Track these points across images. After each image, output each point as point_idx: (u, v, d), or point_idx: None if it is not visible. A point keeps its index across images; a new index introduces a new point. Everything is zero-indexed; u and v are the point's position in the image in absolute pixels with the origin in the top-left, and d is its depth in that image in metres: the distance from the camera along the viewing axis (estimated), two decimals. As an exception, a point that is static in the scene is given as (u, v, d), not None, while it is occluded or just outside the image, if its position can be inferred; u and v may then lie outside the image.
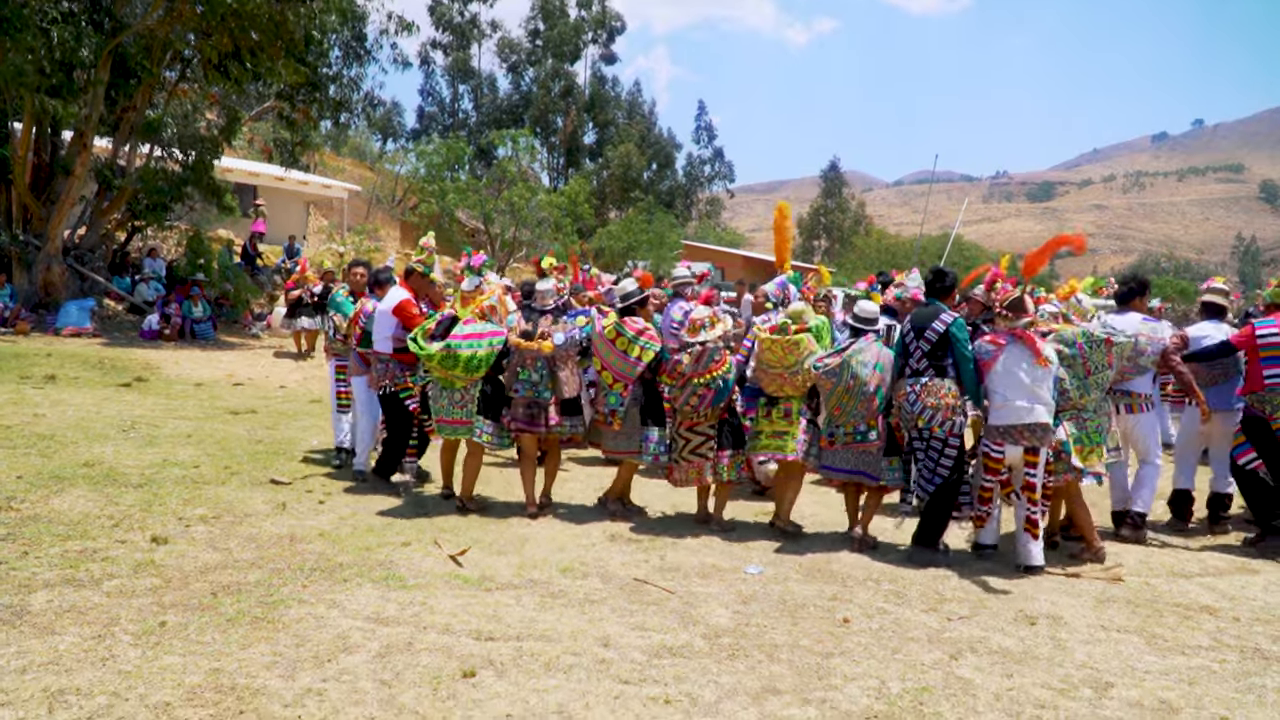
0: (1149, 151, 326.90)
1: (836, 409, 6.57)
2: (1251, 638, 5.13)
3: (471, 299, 7.43)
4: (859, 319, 6.87)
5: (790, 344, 6.63)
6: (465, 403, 7.12)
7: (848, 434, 6.60)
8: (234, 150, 28.98)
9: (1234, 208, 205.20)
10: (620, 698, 3.98)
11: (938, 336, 6.37)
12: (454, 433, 7.22)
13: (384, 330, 7.60)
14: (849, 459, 6.66)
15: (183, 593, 4.91)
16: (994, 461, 6.32)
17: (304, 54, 18.41)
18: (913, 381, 6.41)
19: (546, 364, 7.08)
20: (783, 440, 6.75)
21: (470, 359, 6.91)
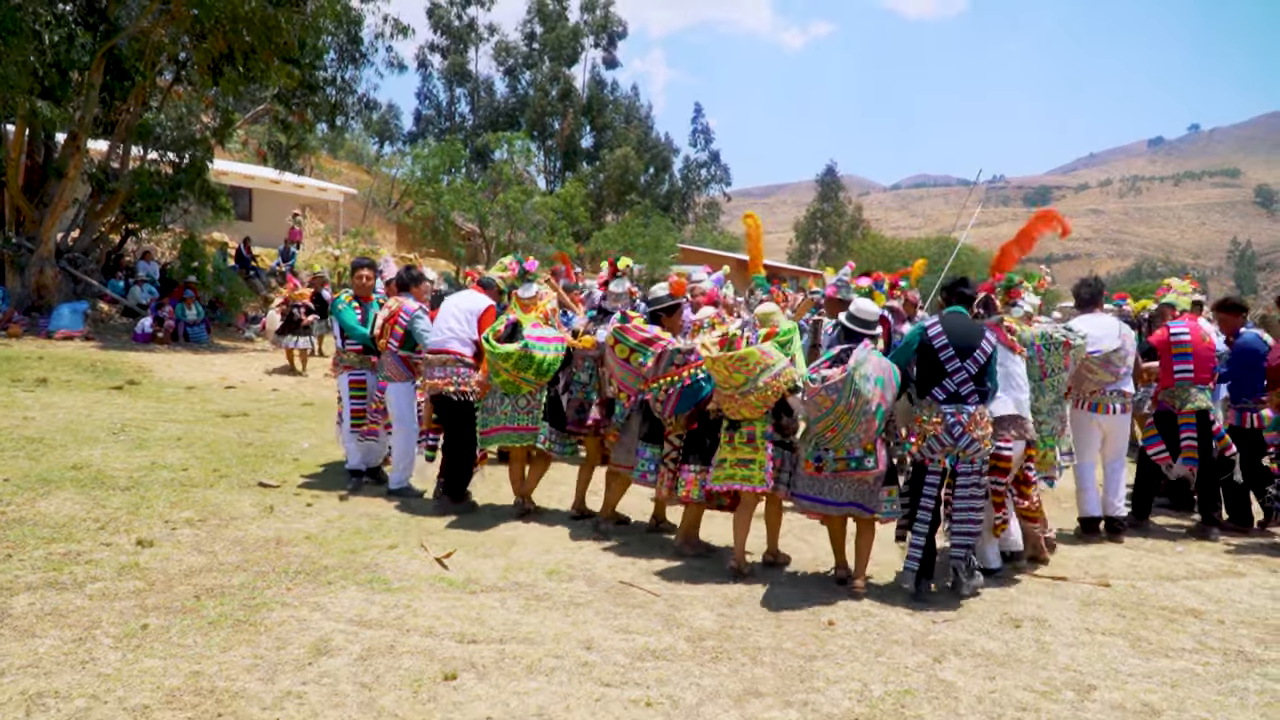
0: (1145, 156, 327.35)
1: (831, 430, 5.44)
2: (1236, 640, 5.13)
3: (532, 305, 7.30)
4: (857, 321, 5.81)
5: (735, 360, 5.66)
6: (531, 408, 7.02)
7: (839, 459, 5.53)
8: (229, 153, 28.99)
9: (1230, 212, 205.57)
10: (601, 700, 3.98)
11: (986, 358, 5.63)
12: (519, 439, 7.03)
13: (463, 331, 7.20)
14: (840, 489, 5.64)
15: (166, 595, 4.90)
16: (1004, 460, 5.93)
17: (298, 57, 18.41)
18: (955, 409, 5.54)
19: (595, 364, 7.07)
20: (749, 469, 5.83)
21: (542, 362, 6.81)
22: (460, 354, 7.14)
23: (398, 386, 7.61)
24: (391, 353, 7.54)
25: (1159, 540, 7.50)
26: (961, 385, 5.56)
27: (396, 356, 7.54)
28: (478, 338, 7.12)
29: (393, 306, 7.61)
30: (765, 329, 6.12)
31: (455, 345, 7.17)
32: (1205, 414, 7.62)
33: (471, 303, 7.34)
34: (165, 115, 19.16)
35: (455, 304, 7.39)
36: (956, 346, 5.60)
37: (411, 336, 7.49)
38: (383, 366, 7.68)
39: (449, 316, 7.27)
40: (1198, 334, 7.69)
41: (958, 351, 5.59)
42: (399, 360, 7.55)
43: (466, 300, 7.40)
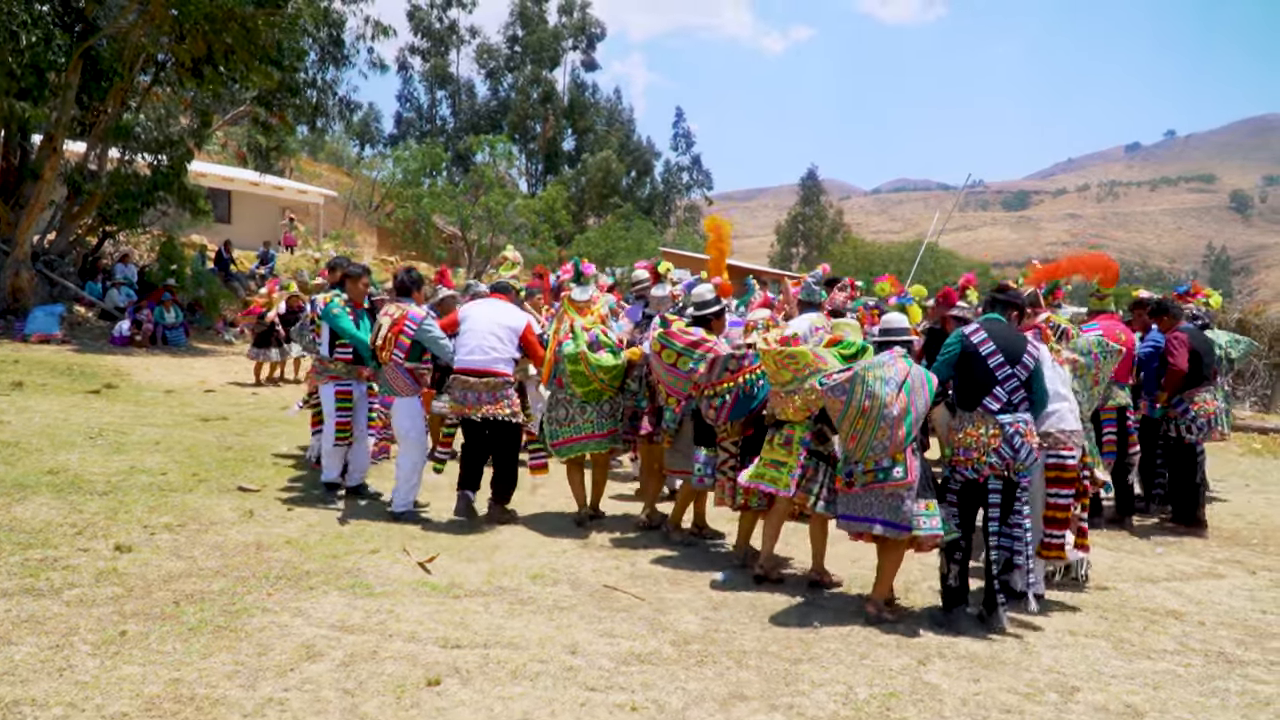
0: (1122, 161, 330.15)
1: (852, 439, 5.15)
2: (1216, 642, 5.17)
3: (588, 308, 7.11)
4: (886, 332, 5.60)
5: (785, 357, 5.55)
6: (615, 412, 7.01)
7: (867, 471, 5.16)
8: (208, 155, 28.80)
9: (1205, 217, 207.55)
10: (586, 705, 3.96)
11: (1034, 364, 5.32)
12: (607, 445, 7.04)
13: (506, 351, 6.92)
14: (874, 505, 5.21)
15: (145, 601, 4.84)
16: (1069, 471, 5.53)
17: (278, 58, 18.31)
18: (1011, 419, 5.17)
19: (646, 372, 6.95)
20: (778, 471, 5.71)
21: (623, 368, 6.91)
22: (508, 376, 6.93)
23: (405, 402, 7.07)
24: (397, 365, 6.94)
25: (1139, 541, 7.54)
26: (1014, 393, 5.22)
27: (403, 369, 6.96)
28: (516, 355, 7.05)
29: (394, 314, 6.97)
30: (829, 336, 5.94)
31: (501, 367, 6.88)
32: (1124, 410, 7.77)
33: (509, 318, 7.04)
34: (144, 116, 19.02)
35: (490, 318, 6.98)
36: (1005, 353, 5.26)
37: (419, 347, 6.97)
38: (384, 381, 7.12)
39: (487, 334, 6.88)
40: (1112, 333, 7.48)
41: (1007, 358, 5.25)
42: (405, 373, 6.98)
43: (501, 314, 7.03)
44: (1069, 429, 5.58)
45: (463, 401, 6.87)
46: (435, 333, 7.00)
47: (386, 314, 7.03)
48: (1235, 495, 9.67)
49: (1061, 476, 5.56)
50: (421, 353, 7.06)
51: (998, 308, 5.63)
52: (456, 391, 6.91)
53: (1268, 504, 9.34)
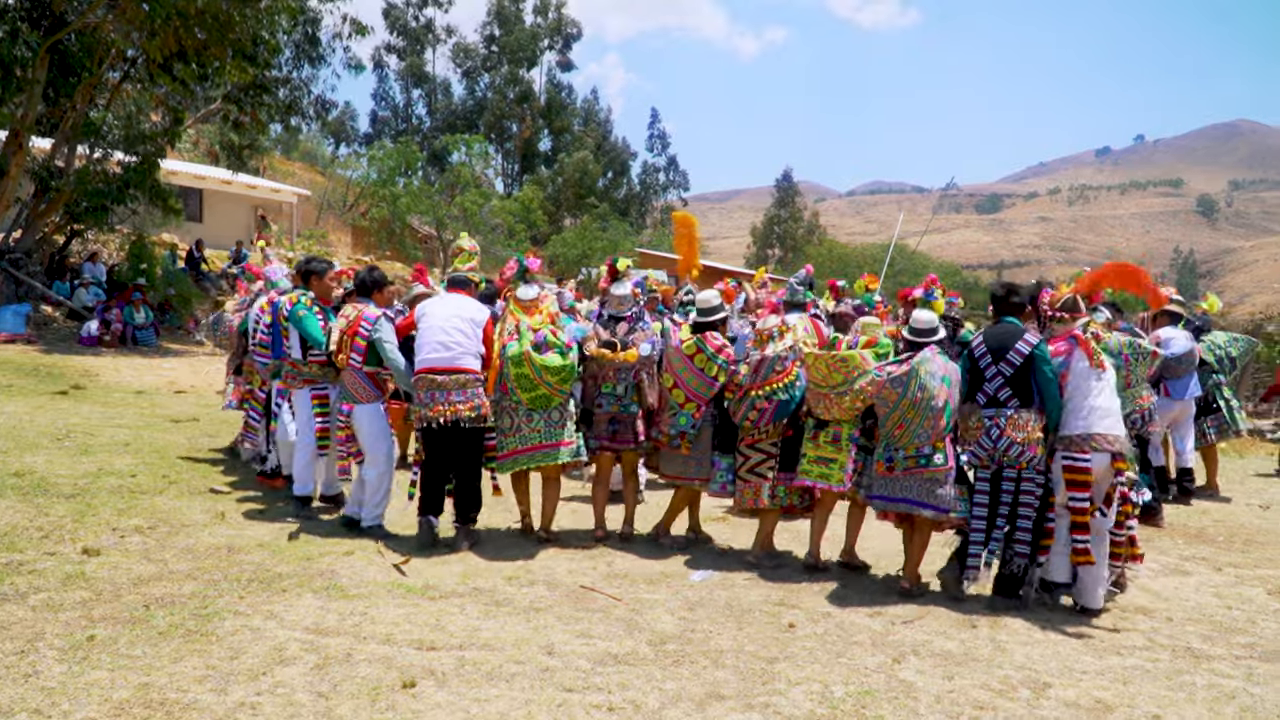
0: (1093, 165, 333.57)
1: (899, 427, 5.61)
2: (1183, 637, 5.22)
3: (535, 308, 6.62)
4: (915, 330, 5.95)
5: (837, 360, 5.81)
6: (565, 420, 6.46)
7: (909, 457, 5.65)
8: (179, 153, 28.51)
9: (1173, 221, 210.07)
10: (563, 706, 3.94)
11: (1022, 360, 5.56)
12: (558, 456, 6.42)
13: (473, 345, 6.35)
14: (911, 487, 5.71)
15: (113, 605, 4.78)
16: (1082, 474, 5.50)
17: (252, 54, 18.15)
18: (993, 413, 5.59)
19: (632, 375, 6.58)
20: (828, 468, 5.99)
21: (575, 369, 6.44)
22: (478, 372, 6.31)
23: (367, 409, 6.61)
24: (354, 369, 6.53)
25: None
26: (999, 390, 5.59)
27: (361, 373, 6.55)
28: (485, 351, 6.43)
29: (350, 315, 6.60)
30: (865, 338, 6.16)
31: (469, 361, 6.28)
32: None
33: (471, 311, 6.47)
34: (113, 113, 18.79)
35: (454, 312, 6.40)
36: (991, 351, 5.67)
37: (375, 349, 6.51)
38: (343, 386, 6.68)
39: (451, 329, 6.31)
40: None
41: (992, 356, 5.64)
42: (365, 378, 6.58)
43: (465, 308, 6.47)
44: (1093, 433, 5.53)
45: (429, 403, 6.20)
46: (385, 337, 6.48)
47: (343, 315, 6.68)
48: (1200, 494, 9.77)
49: (1075, 480, 5.53)
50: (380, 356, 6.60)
51: (1009, 311, 5.90)
52: (422, 394, 6.25)
53: (1233, 502, 9.45)
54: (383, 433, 6.70)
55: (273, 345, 7.35)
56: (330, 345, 6.65)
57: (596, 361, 6.56)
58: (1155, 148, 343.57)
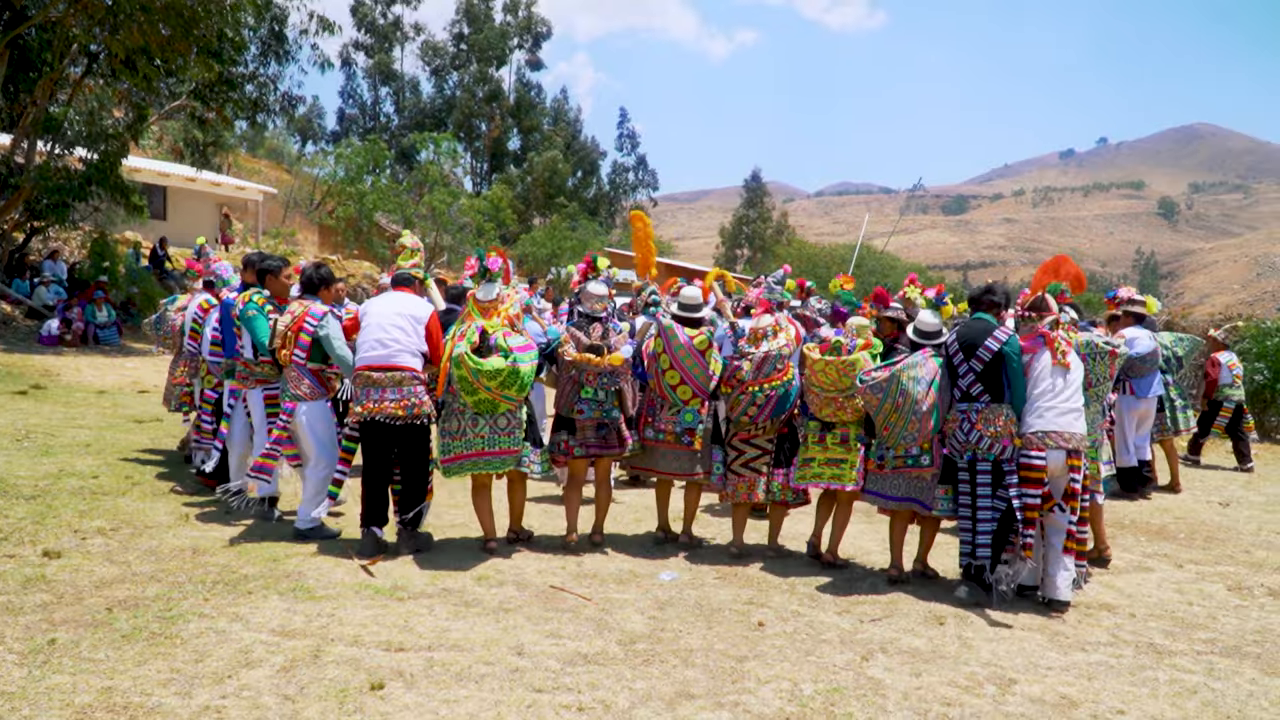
0: (1057, 167, 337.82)
1: (885, 429, 5.94)
2: (1146, 633, 5.30)
3: (494, 309, 6.28)
4: (920, 333, 6.20)
5: (846, 365, 6.03)
6: (513, 428, 6.17)
7: (898, 457, 6.01)
8: (143, 149, 28.15)
9: (1135, 223, 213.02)
10: (533, 706, 3.93)
11: (991, 356, 5.73)
12: (501, 465, 6.15)
13: (413, 343, 6.16)
14: (900, 485, 6.08)
15: (76, 608, 4.71)
16: (1036, 471, 5.63)
17: (217, 51, 17.94)
18: (965, 407, 5.81)
19: (611, 379, 6.42)
20: (840, 469, 6.20)
21: (526, 375, 6.03)
22: (414, 369, 6.11)
23: (313, 407, 6.44)
24: (298, 366, 6.40)
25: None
26: (971, 386, 5.80)
27: (305, 370, 6.41)
28: (426, 349, 6.24)
29: (296, 311, 6.45)
30: (861, 340, 6.29)
31: (406, 359, 6.09)
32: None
33: (413, 308, 6.28)
34: (75, 109, 18.50)
35: (394, 309, 6.23)
36: (963, 348, 5.86)
37: (320, 347, 6.39)
38: (286, 383, 6.49)
39: (390, 326, 6.14)
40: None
41: (964, 354, 5.84)
42: (310, 375, 6.44)
43: (406, 305, 6.28)
44: (1049, 430, 5.65)
45: (363, 399, 6.03)
46: (332, 332, 6.34)
47: (289, 311, 6.50)
48: (1163, 492, 9.92)
49: (1028, 476, 5.64)
50: (325, 354, 6.45)
51: (985, 309, 6.09)
52: (358, 390, 6.10)
53: (1193, 499, 9.60)
54: (328, 433, 6.51)
55: (224, 344, 7.20)
56: (274, 342, 6.49)
57: (576, 366, 6.37)
58: (1118, 150, 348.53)
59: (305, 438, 6.46)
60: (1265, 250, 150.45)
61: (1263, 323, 16.40)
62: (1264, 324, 16.13)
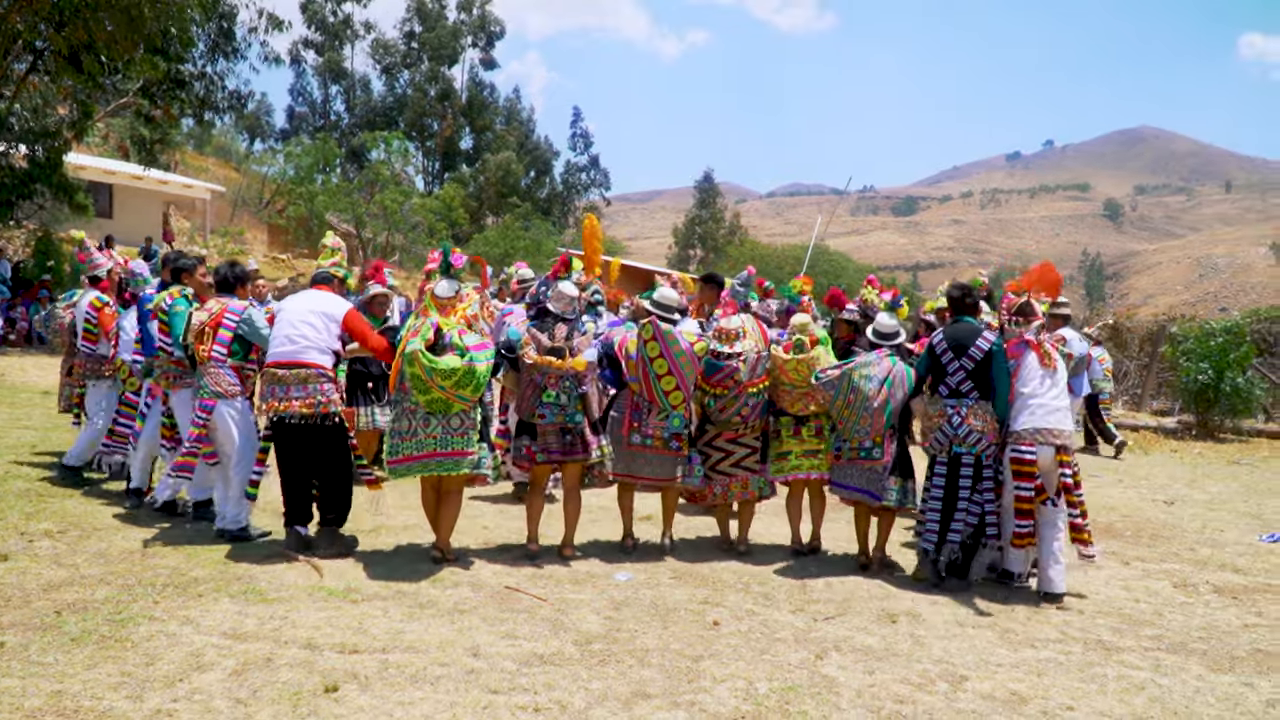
0: (1004, 170, 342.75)
1: (840, 423, 6.38)
2: (1095, 630, 5.42)
3: (452, 307, 6.10)
4: (878, 334, 6.67)
5: (813, 360, 6.42)
6: (467, 429, 5.95)
7: (853, 449, 6.43)
8: (88, 147, 27.59)
9: (1080, 225, 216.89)
10: (489, 708, 3.93)
11: (982, 355, 6.04)
12: (453, 466, 5.93)
13: (321, 339, 6.06)
14: (855, 475, 6.47)
15: (24, 612, 4.63)
16: (1028, 465, 5.92)
17: (164, 48, 17.65)
18: (955, 403, 6.09)
19: (575, 383, 6.28)
20: (818, 459, 6.63)
21: (482, 375, 5.86)
22: (322, 366, 6.00)
23: (234, 405, 6.30)
24: (218, 363, 6.26)
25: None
26: (960, 383, 6.09)
27: (226, 367, 6.28)
28: (338, 347, 6.20)
29: (214, 309, 6.34)
30: (804, 336, 6.57)
31: (314, 356, 5.99)
32: None
33: (325, 304, 6.20)
34: (19, 105, 18.10)
35: (304, 306, 6.17)
36: (952, 347, 6.15)
37: (242, 343, 6.34)
38: (205, 381, 6.29)
39: (299, 322, 6.06)
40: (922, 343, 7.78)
41: (954, 352, 6.13)
42: (230, 372, 6.31)
43: (317, 301, 6.21)
44: (1040, 427, 5.95)
45: (269, 397, 5.96)
46: (259, 323, 6.27)
47: (205, 309, 6.40)
48: (1108, 490, 10.15)
49: (1020, 470, 5.97)
50: (248, 350, 6.39)
51: (966, 311, 6.38)
52: (264, 387, 6.05)
53: (1139, 498, 9.83)
54: (249, 431, 6.38)
55: (144, 342, 7.01)
56: (187, 338, 6.37)
57: (537, 368, 6.19)
58: (1064, 153, 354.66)
59: (224, 436, 6.30)
60: (1207, 251, 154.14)
61: (1206, 323, 16.83)
62: (1207, 324, 16.55)
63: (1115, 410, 17.36)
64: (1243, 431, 15.23)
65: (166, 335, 6.67)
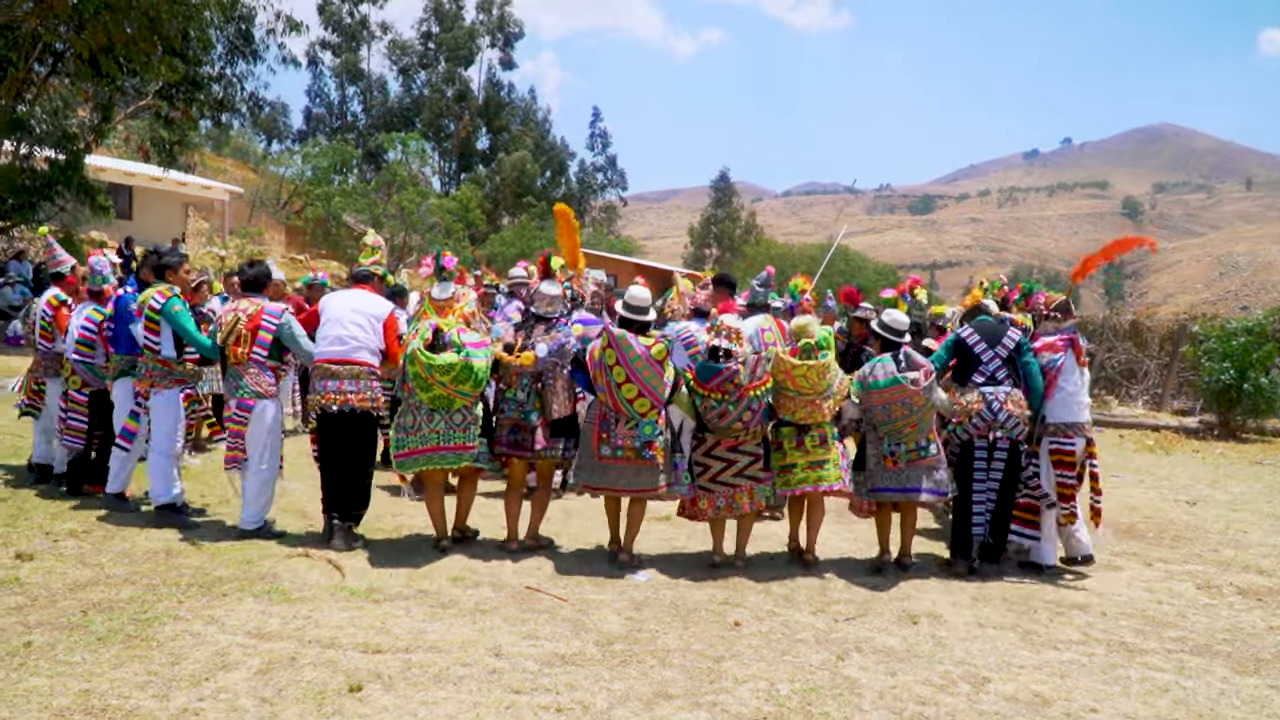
0: (1021, 167, 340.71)
1: (912, 425, 6.16)
2: (1117, 631, 5.38)
3: (449, 307, 6.33)
4: (891, 330, 6.48)
5: (822, 368, 6.15)
6: (468, 423, 6.15)
7: (910, 450, 6.22)
8: (109, 149, 27.79)
9: (1099, 222, 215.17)
10: (511, 708, 3.94)
11: (1014, 345, 6.43)
12: (456, 460, 6.14)
13: (370, 340, 6.31)
14: (912, 477, 6.25)
15: (50, 611, 4.67)
16: (1069, 455, 6.51)
17: (182, 51, 17.76)
18: (992, 390, 6.31)
19: (532, 381, 6.36)
20: (823, 470, 6.26)
21: (480, 371, 6.04)
22: (373, 366, 6.32)
23: (271, 405, 6.43)
24: (259, 364, 6.37)
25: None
26: (997, 370, 6.36)
27: (265, 368, 6.41)
28: (384, 346, 6.41)
29: (248, 309, 6.40)
30: (810, 339, 6.24)
31: (366, 355, 6.28)
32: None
33: (372, 306, 6.45)
34: (40, 108, 18.24)
35: (351, 306, 6.41)
36: (985, 338, 6.45)
37: (278, 345, 6.46)
38: (245, 382, 6.35)
39: (349, 322, 6.31)
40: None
41: (988, 343, 6.42)
42: (270, 372, 6.45)
43: (364, 302, 6.45)
44: (1078, 421, 6.54)
45: (321, 390, 6.19)
46: (300, 334, 6.48)
47: (236, 310, 6.44)
48: (1129, 490, 10.08)
49: (1062, 460, 6.51)
50: (283, 351, 6.56)
51: (978, 312, 6.80)
52: (316, 381, 6.27)
53: (1161, 498, 9.76)
54: (279, 430, 6.55)
55: (119, 341, 6.87)
56: (224, 337, 6.39)
57: (504, 365, 6.33)
58: (1082, 151, 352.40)
59: (262, 435, 6.39)
60: (1228, 250, 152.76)
61: (1227, 322, 16.68)
62: (1229, 323, 16.41)
63: (1135, 410, 17.27)
64: (1265, 432, 15.08)
65: (156, 335, 6.55)
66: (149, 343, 6.57)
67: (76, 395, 7.25)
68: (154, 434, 6.63)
